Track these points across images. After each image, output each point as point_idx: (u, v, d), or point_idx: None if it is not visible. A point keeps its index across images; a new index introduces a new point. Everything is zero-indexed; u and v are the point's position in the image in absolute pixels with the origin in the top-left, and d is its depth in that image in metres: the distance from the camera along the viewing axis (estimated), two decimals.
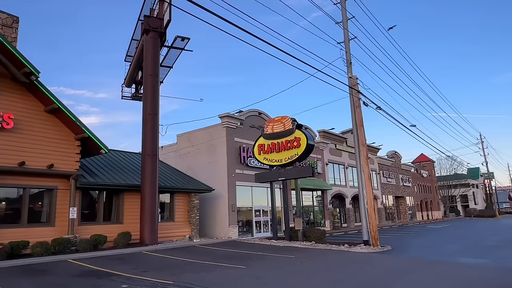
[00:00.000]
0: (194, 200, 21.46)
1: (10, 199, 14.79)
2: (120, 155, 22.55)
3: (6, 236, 13.65)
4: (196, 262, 12.51)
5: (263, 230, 24.78)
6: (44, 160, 15.06)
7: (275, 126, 20.83)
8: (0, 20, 15.51)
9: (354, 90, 17.90)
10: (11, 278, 9.58)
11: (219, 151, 23.80)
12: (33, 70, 14.08)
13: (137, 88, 25.17)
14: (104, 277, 9.88)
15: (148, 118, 18.28)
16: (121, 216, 17.98)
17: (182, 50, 21.71)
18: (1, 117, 13.97)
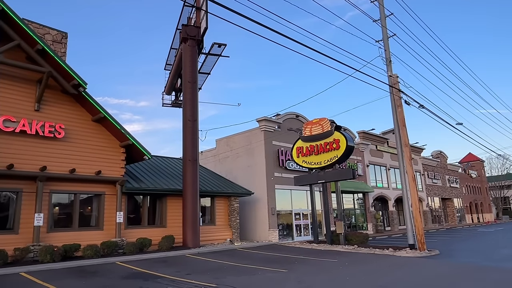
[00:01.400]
0: (234, 203, 21.68)
1: (62, 204, 15.67)
2: (162, 160, 23.27)
3: (60, 239, 14.47)
4: (238, 266, 12.61)
5: (304, 233, 24.55)
6: (93, 167, 15.85)
7: (313, 129, 20.63)
8: (51, 36, 16.56)
9: (394, 89, 17.36)
10: (66, 279, 10.13)
11: (258, 154, 23.91)
12: (81, 82, 14.89)
13: (177, 95, 25.88)
14: (150, 279, 10.20)
15: (188, 124, 18.73)
16: (164, 220, 18.51)
17: (219, 56, 22.08)
18: (53, 127, 14.87)
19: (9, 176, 13.64)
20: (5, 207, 14.02)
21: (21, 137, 14.14)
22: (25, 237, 13.73)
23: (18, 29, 13.97)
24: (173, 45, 24.71)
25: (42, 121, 14.65)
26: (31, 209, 14.05)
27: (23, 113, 14.33)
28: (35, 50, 14.26)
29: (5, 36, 13.96)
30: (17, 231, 13.71)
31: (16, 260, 12.90)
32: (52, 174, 14.58)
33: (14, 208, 13.98)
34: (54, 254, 12.91)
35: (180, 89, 23.99)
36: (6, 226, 13.79)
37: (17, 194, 14.05)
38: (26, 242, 13.61)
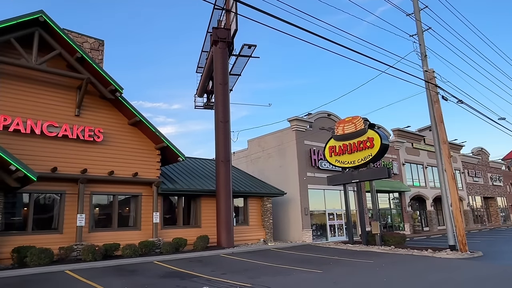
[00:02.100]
0: (267, 204, 21.71)
1: (102, 205, 16.31)
2: (195, 162, 23.69)
3: (101, 238, 15.07)
4: (272, 266, 12.62)
5: (338, 234, 24.20)
6: (130, 169, 16.39)
7: (346, 127, 20.30)
8: (89, 44, 17.29)
9: (431, 84, 16.77)
10: (107, 278, 10.53)
11: (290, 154, 23.82)
12: (117, 87, 15.44)
13: (209, 97, 26.26)
14: (187, 278, 10.41)
15: (220, 126, 18.96)
16: (198, 220, 18.84)
17: (249, 57, 22.19)
18: (92, 132, 15.52)
19: (53, 179, 14.36)
20: (50, 208, 14.78)
21: (63, 142, 14.86)
22: (68, 236, 14.41)
23: (59, 39, 14.68)
24: (204, 48, 25.09)
25: (82, 126, 15.32)
26: (74, 210, 14.73)
27: (65, 119, 15.05)
28: (74, 58, 14.94)
29: (47, 46, 14.71)
30: (62, 231, 14.42)
31: (61, 259, 13.56)
32: (92, 176, 15.22)
33: (58, 209, 14.70)
34: (95, 253, 13.46)
35: (212, 91, 24.34)
36: (52, 226, 14.54)
37: (61, 195, 14.76)
38: (70, 242, 14.28)
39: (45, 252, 12.54)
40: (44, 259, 12.39)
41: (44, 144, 14.34)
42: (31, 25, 14.13)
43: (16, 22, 13.49)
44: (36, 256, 12.28)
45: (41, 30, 14.38)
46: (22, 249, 12.61)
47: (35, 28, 14.24)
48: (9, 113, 13.73)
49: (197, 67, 26.91)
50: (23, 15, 13.69)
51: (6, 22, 13.24)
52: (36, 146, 14.12)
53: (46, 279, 10.29)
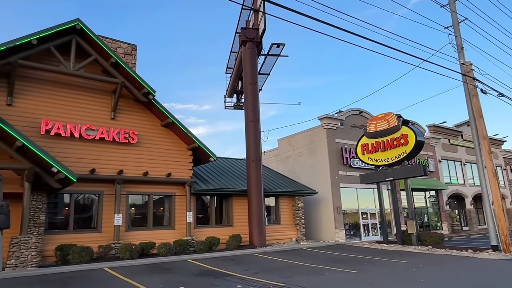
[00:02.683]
0: (299, 203, 21.59)
1: (137, 205, 16.81)
2: (226, 161, 23.92)
3: (137, 237, 15.54)
4: (305, 265, 12.54)
5: (372, 233, 23.70)
6: (163, 170, 16.79)
7: (379, 124, 19.83)
8: (122, 49, 17.86)
9: (468, 78, 16.08)
10: (144, 275, 10.84)
11: (321, 153, 23.57)
12: (150, 90, 15.85)
13: (238, 97, 26.46)
14: (220, 277, 10.54)
15: (250, 126, 19.05)
16: (231, 219, 19.02)
17: (278, 56, 22.17)
18: (127, 134, 16.03)
19: (91, 180, 14.95)
20: (89, 208, 15.40)
21: (101, 144, 15.43)
22: (107, 235, 14.96)
23: (95, 45, 15.26)
24: (232, 49, 25.30)
25: (118, 128, 15.85)
26: (111, 210, 15.27)
27: (101, 122, 15.63)
28: (109, 63, 15.47)
29: (84, 52, 15.32)
30: (100, 230, 14.99)
31: (100, 257, 14.10)
32: (128, 177, 15.71)
33: (96, 209, 15.30)
34: (132, 252, 13.89)
35: (241, 91, 24.50)
36: (91, 225, 15.15)
37: (99, 196, 15.34)
38: (108, 240, 14.82)
39: (86, 250, 13.08)
40: (85, 257, 12.93)
41: (82, 146, 14.97)
42: (69, 33, 14.77)
43: (55, 30, 14.16)
44: (78, 254, 12.83)
45: (78, 37, 15.01)
46: (65, 247, 13.22)
47: (72, 35, 14.88)
48: (50, 118, 14.42)
49: (226, 68, 27.18)
50: (61, 24, 14.33)
51: (46, 31, 13.91)
52: (75, 149, 14.75)
53: (87, 276, 10.72)
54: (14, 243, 11.61)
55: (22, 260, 11.57)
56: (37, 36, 13.66)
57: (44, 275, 10.78)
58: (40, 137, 13.93)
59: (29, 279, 10.17)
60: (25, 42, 13.41)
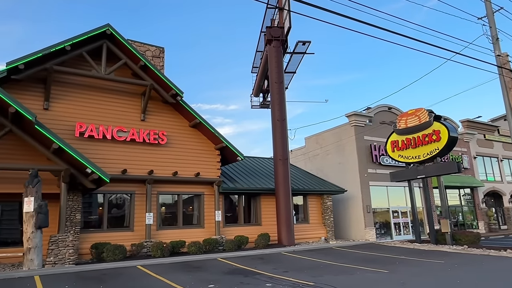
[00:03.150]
0: (327, 201, 21.37)
1: (167, 204, 17.17)
2: (253, 161, 24.00)
3: (167, 236, 15.88)
4: (334, 264, 12.41)
5: (404, 232, 23.13)
6: (192, 170, 17.06)
7: (409, 120, 19.31)
8: (151, 52, 18.27)
9: (504, 70, 15.38)
10: (175, 273, 11.07)
11: (349, 151, 23.22)
12: (178, 91, 16.14)
13: (264, 96, 26.48)
14: (250, 275, 10.60)
15: (277, 124, 19.02)
16: (259, 218, 19.08)
17: (304, 54, 22.01)
18: (157, 135, 16.40)
19: (123, 180, 15.40)
20: (121, 207, 15.88)
21: (131, 145, 15.87)
22: (139, 234, 15.37)
23: (124, 49, 15.70)
24: (258, 48, 25.33)
25: (148, 130, 16.24)
26: (142, 209, 15.68)
27: (132, 123, 16.06)
28: (138, 66, 15.87)
29: (114, 56, 15.79)
30: (133, 229, 15.42)
31: (133, 255, 14.50)
32: (158, 177, 16.07)
33: (129, 208, 15.75)
34: (163, 250, 14.21)
35: (268, 90, 24.50)
36: (124, 224, 15.60)
37: (131, 195, 15.78)
38: (140, 239, 15.22)
39: (119, 248, 13.49)
40: (118, 255, 13.34)
41: (114, 148, 15.44)
42: (99, 38, 15.26)
43: (87, 36, 14.67)
44: (111, 252, 13.26)
45: (108, 42, 15.48)
46: (99, 245, 13.69)
47: (103, 40, 15.36)
48: (84, 121, 14.97)
49: (252, 67, 27.26)
50: (92, 30, 14.83)
51: (78, 37, 14.44)
52: (107, 150, 15.24)
53: (121, 273, 11.06)
54: (53, 241, 12.14)
55: (60, 258, 12.08)
56: (70, 42, 14.20)
57: (81, 272, 11.21)
58: (75, 140, 14.48)
59: (67, 276, 10.61)
60: (59, 48, 13.97)
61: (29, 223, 11.42)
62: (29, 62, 13.35)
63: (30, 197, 11.49)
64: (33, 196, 11.51)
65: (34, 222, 11.41)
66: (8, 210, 13.84)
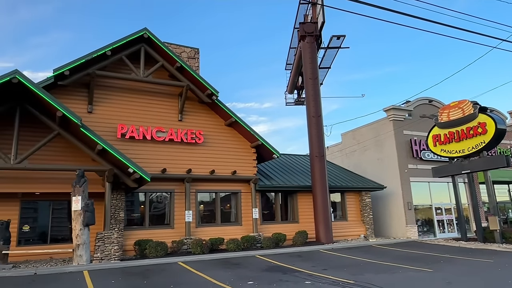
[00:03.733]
0: (366, 198, 20.92)
1: (205, 202, 17.50)
2: (289, 158, 23.93)
3: (206, 233, 16.20)
4: (375, 263, 12.14)
5: (448, 230, 22.20)
6: (229, 168, 17.28)
7: (452, 113, 18.48)
8: (186, 54, 18.66)
9: None
10: (215, 270, 11.28)
11: (388, 146, 22.58)
12: (213, 91, 16.39)
13: (299, 93, 26.30)
14: (288, 272, 10.60)
15: (312, 121, 18.84)
16: (296, 215, 19.01)
17: (338, 48, 21.65)
18: (194, 134, 16.75)
19: (163, 179, 15.86)
20: (162, 205, 16.37)
21: (170, 145, 16.31)
22: (179, 231, 15.79)
23: (161, 52, 16.14)
24: (291, 45, 25.19)
25: (185, 129, 16.63)
26: (182, 207, 16.09)
27: (170, 124, 16.50)
28: (175, 68, 16.27)
29: (151, 59, 16.28)
30: (173, 226, 15.86)
31: (174, 251, 14.93)
32: (196, 175, 16.43)
33: (169, 206, 16.21)
34: (203, 247, 14.51)
35: (302, 87, 24.32)
36: (164, 221, 16.09)
37: (170, 194, 16.24)
38: (180, 236, 15.64)
39: (161, 245, 13.93)
40: (160, 251, 13.78)
41: (154, 148, 15.93)
42: (137, 42, 15.78)
43: (126, 41, 15.22)
44: (154, 248, 13.73)
45: (146, 45, 15.98)
46: (142, 242, 14.21)
47: (141, 44, 15.88)
48: (125, 122, 15.56)
49: (286, 64, 27.15)
50: (130, 34, 15.37)
51: (118, 42, 15.02)
52: (147, 150, 15.75)
53: (163, 269, 11.43)
54: (99, 238, 12.74)
55: (106, 254, 12.66)
56: (110, 47, 14.80)
57: (126, 268, 11.69)
58: (117, 141, 15.09)
59: (113, 271, 11.10)
60: (101, 54, 14.61)
61: (77, 221, 12.06)
62: (73, 68, 14.06)
63: (77, 196, 12.13)
64: (80, 195, 12.13)
65: (82, 220, 12.03)
66: (58, 209, 14.67)
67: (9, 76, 11.36)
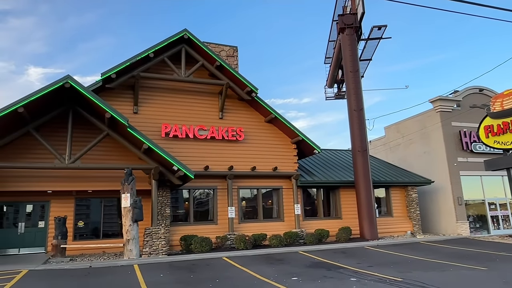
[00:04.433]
0: (412, 193, 20.16)
1: (247, 198, 17.68)
2: (330, 153, 23.58)
3: (249, 229, 16.37)
4: (423, 260, 11.70)
5: (503, 226, 20.93)
6: (270, 164, 17.33)
7: (505, 102, 17.29)
8: (225, 52, 18.90)
9: None
10: (258, 265, 11.39)
11: (435, 139, 21.61)
12: (253, 88, 16.48)
13: (339, 87, 25.82)
14: (332, 269, 10.48)
15: (354, 115, 18.43)
16: (339, 211, 18.73)
17: (379, 39, 20.98)
18: (235, 131, 16.96)
19: (206, 176, 16.22)
20: (205, 202, 16.75)
21: (212, 142, 16.63)
22: (222, 227, 16.09)
23: (201, 51, 16.46)
24: (330, 38, 24.75)
25: (226, 127, 16.88)
26: (225, 203, 16.37)
27: (211, 122, 16.82)
28: (214, 67, 16.54)
29: (191, 59, 16.65)
30: (216, 222, 16.19)
31: (218, 246, 15.23)
32: (238, 172, 16.63)
33: (212, 202, 16.55)
34: (246, 242, 14.69)
35: (342, 80, 23.85)
36: (208, 218, 16.46)
37: (213, 190, 16.57)
38: (224, 232, 15.92)
39: (205, 240, 14.27)
40: (205, 247, 14.12)
41: (196, 146, 16.32)
42: (178, 43, 16.20)
43: (167, 42, 15.67)
44: (199, 244, 14.09)
45: (186, 46, 16.36)
46: (188, 238, 14.63)
47: (182, 45, 16.28)
48: (168, 122, 16.05)
49: (325, 58, 26.71)
50: (170, 36, 15.81)
51: (159, 44, 15.50)
52: (190, 148, 16.16)
53: (208, 264, 11.71)
54: (147, 234, 13.28)
55: (154, 248, 13.17)
56: (153, 49, 15.31)
57: (173, 262, 12.10)
58: (161, 139, 15.61)
59: (161, 265, 11.53)
60: (144, 56, 15.15)
61: (126, 217, 12.64)
62: (119, 71, 14.68)
63: (126, 193, 12.70)
64: (129, 193, 12.69)
65: (131, 216, 12.59)
66: (109, 206, 15.46)
67: (62, 81, 12.10)
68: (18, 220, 14.34)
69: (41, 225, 14.43)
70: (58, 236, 12.74)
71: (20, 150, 12.98)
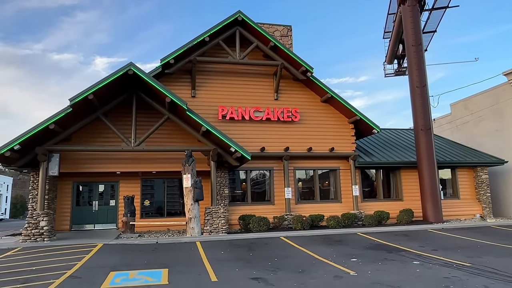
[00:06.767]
0: (482, 174, 18.78)
1: (303, 179, 17.62)
2: (390, 133, 22.61)
3: (306, 210, 16.37)
4: (495, 245, 10.94)
5: None
6: (326, 145, 17.05)
7: None
8: (279, 32, 18.65)
9: None
10: (317, 246, 11.38)
11: (509, 115, 19.83)
12: (308, 67, 16.15)
13: (399, 62, 24.40)
14: (393, 251, 10.18)
15: (416, 91, 17.39)
16: (400, 193, 18.03)
17: (445, 8, 19.40)
18: (290, 112, 16.84)
19: (262, 157, 16.38)
20: (262, 183, 16.98)
21: (267, 124, 16.69)
22: (279, 207, 16.26)
23: (255, 33, 16.39)
24: (390, 11, 23.30)
25: (281, 108, 16.81)
26: (281, 184, 16.47)
27: (266, 103, 16.84)
28: (268, 47, 16.41)
29: (245, 41, 16.65)
30: (273, 202, 16.39)
31: (275, 226, 15.45)
32: (294, 153, 16.60)
33: (268, 183, 16.74)
34: (303, 223, 14.73)
35: (403, 56, 22.50)
36: (265, 198, 16.70)
37: (270, 171, 16.73)
38: (281, 212, 16.09)
39: (263, 220, 14.54)
40: (263, 226, 14.40)
41: (252, 127, 16.49)
42: (232, 26, 16.26)
43: (221, 25, 15.80)
44: (257, 223, 14.40)
45: (240, 28, 16.38)
46: (246, 217, 15.01)
47: (236, 27, 16.32)
48: (225, 104, 16.34)
49: (384, 32, 25.27)
50: (225, 19, 15.90)
51: (214, 28, 15.67)
52: (246, 130, 16.37)
53: (266, 243, 11.93)
54: (208, 213, 13.82)
55: (214, 227, 13.69)
56: (208, 33, 15.52)
57: (232, 240, 12.51)
58: (218, 122, 15.97)
59: (222, 243, 11.97)
60: (200, 40, 15.43)
61: (188, 196, 13.23)
62: (177, 56, 15.13)
63: (187, 174, 13.25)
64: (190, 174, 13.24)
65: (192, 196, 13.15)
66: (171, 186, 16.29)
67: (125, 69, 12.76)
68: (92, 199, 15.65)
69: (112, 204, 15.63)
70: (127, 213, 13.73)
71: (91, 134, 14.02)
